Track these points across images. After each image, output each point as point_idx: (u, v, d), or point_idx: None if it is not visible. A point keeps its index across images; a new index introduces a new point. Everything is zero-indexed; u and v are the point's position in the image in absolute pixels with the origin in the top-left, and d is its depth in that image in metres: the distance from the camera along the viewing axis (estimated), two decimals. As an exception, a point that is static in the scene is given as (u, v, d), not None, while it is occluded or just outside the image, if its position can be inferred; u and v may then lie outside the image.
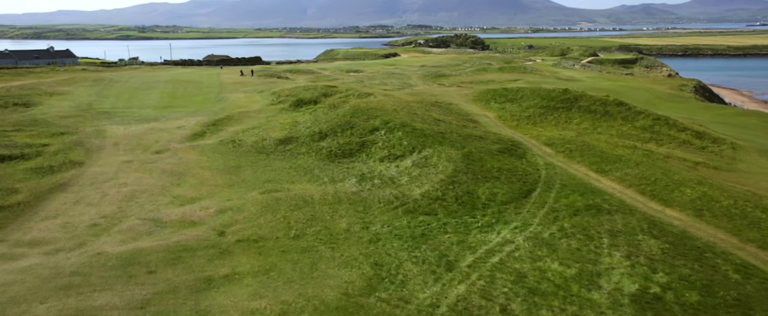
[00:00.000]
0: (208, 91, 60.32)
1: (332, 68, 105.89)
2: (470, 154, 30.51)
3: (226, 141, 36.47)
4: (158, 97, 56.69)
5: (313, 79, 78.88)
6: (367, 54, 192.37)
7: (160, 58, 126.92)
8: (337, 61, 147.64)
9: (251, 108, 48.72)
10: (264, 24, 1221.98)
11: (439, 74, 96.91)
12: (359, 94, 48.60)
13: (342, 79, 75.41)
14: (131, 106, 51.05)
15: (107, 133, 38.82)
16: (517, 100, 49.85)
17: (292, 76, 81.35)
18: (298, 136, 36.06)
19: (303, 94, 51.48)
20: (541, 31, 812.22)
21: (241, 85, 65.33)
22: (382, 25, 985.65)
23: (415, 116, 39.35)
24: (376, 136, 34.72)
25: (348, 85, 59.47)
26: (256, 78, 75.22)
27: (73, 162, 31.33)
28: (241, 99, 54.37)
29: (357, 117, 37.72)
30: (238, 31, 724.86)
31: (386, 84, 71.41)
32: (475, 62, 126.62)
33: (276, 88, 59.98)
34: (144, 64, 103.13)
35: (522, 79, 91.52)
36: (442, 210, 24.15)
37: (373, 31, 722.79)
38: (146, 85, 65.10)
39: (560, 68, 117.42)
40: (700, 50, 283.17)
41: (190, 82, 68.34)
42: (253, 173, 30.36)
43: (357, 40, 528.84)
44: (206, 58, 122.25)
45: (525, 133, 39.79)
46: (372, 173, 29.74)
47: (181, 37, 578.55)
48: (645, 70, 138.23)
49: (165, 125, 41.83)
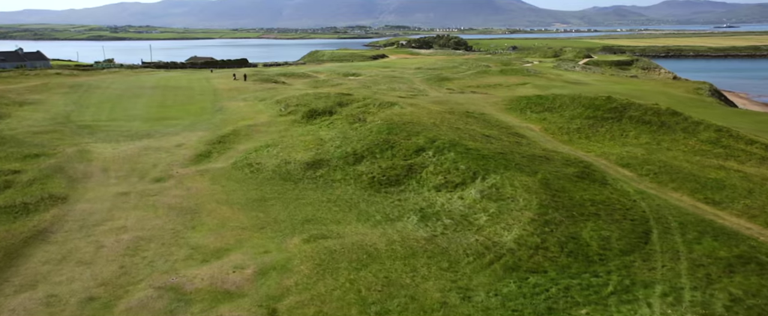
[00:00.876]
0: (202, 99, 53.80)
1: (327, 71, 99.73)
2: (548, 182, 24.96)
3: (240, 164, 30.29)
4: (146, 106, 50.00)
5: (312, 84, 72.76)
6: (354, 55, 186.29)
7: (139, 60, 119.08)
8: (326, 63, 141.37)
9: (258, 120, 42.49)
10: (239, 24, 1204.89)
11: (441, 78, 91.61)
12: (381, 104, 42.76)
13: (345, 84, 69.47)
14: (117, 118, 44.33)
15: (93, 154, 32.27)
16: (556, 109, 44.58)
17: (288, 81, 75.09)
18: (327, 158, 30.06)
19: (315, 103, 45.42)
20: (518, 32, 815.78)
21: (237, 92, 58.91)
22: (360, 25, 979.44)
23: (460, 131, 33.68)
24: (424, 158, 28.93)
25: (363, 92, 53.58)
26: (251, 83, 68.78)
27: (54, 197, 24.87)
28: (242, 109, 48.05)
29: (394, 133, 31.89)
30: (214, 32, 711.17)
31: (395, 89, 65.68)
32: (471, 64, 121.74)
33: (278, 95, 53.76)
34: (123, 67, 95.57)
35: (530, 83, 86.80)
36: (551, 265, 18.51)
37: (352, 32, 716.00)
38: (131, 92, 58.22)
39: (561, 70, 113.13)
40: (682, 51, 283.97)
41: (180, 89, 61.64)
42: (285, 208, 24.32)
43: (336, 41, 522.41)
44: (190, 60, 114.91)
45: (586, 149, 34.43)
46: (433, 208, 24.00)
47: (155, 38, 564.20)
48: (643, 72, 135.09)
49: (161, 143, 35.40)
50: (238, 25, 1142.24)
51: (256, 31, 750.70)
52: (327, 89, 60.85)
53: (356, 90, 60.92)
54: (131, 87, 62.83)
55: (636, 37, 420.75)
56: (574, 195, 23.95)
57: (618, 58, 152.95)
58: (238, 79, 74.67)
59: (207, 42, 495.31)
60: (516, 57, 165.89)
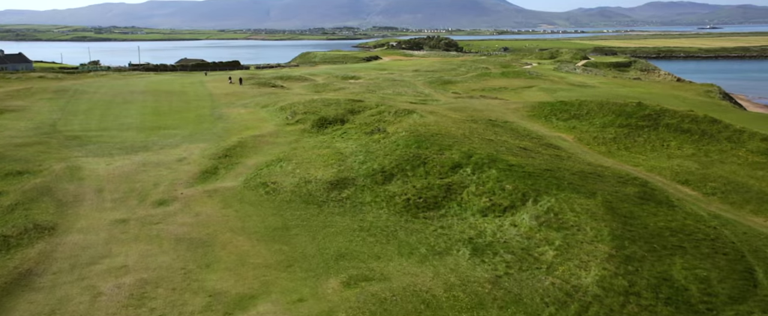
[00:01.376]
0: (199, 106, 50.06)
1: (323, 74, 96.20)
2: (612, 206, 21.80)
3: (253, 183, 26.76)
4: (140, 113, 46.18)
5: (312, 88, 69.25)
6: (346, 57, 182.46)
7: (127, 62, 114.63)
8: (320, 66, 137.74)
9: (264, 129, 38.93)
10: (226, 25, 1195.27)
11: (443, 81, 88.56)
12: (397, 112, 39.42)
13: (347, 89, 66.07)
14: (108, 128, 40.50)
15: (84, 171, 28.55)
16: (583, 116, 41.54)
17: (287, 85, 71.49)
18: (352, 176, 26.65)
19: (324, 110, 41.97)
20: (506, 33, 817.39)
21: (236, 97, 55.24)
22: (348, 26, 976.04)
23: (493, 144, 30.44)
24: (462, 176, 25.63)
25: (371, 98, 50.20)
26: (249, 87, 65.08)
27: (40, 227, 21.22)
28: (244, 116, 44.43)
29: (424, 147, 28.55)
30: (201, 33, 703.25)
31: (401, 93, 62.40)
32: (470, 66, 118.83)
33: (281, 100, 50.19)
34: (110, 69, 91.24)
35: (536, 86, 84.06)
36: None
37: (340, 33, 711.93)
38: (121, 98, 54.30)
39: (563, 73, 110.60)
40: (673, 53, 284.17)
41: (174, 94, 57.80)
42: (312, 239, 20.89)
43: (325, 42, 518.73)
44: (180, 62, 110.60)
45: (632, 163, 31.35)
46: (484, 237, 20.71)
47: (141, 39, 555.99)
48: (642, 73, 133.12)
49: (160, 157, 31.74)
50: (225, 26, 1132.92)
51: (244, 32, 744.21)
52: (331, 94, 57.44)
53: (362, 95, 57.55)
54: (121, 92, 58.87)
55: (624, 38, 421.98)
56: (647, 222, 20.78)
57: (616, 60, 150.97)
58: (234, 82, 70.93)
59: (194, 43, 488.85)
60: (512, 58, 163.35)
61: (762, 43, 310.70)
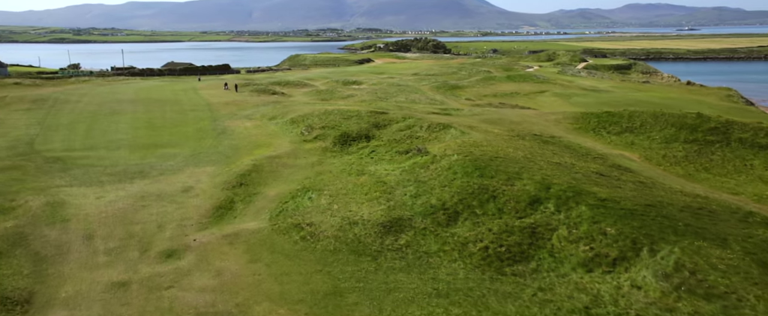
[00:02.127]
0: (197, 118, 44.47)
1: (321, 78, 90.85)
2: (759, 259, 16.98)
3: (282, 224, 21.45)
4: (131, 127, 40.49)
5: (315, 94, 63.94)
6: (338, 60, 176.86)
7: (109, 66, 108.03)
8: (313, 69, 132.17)
9: (278, 147, 33.61)
10: (208, 27, 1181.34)
11: (449, 85, 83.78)
12: (431, 127, 34.37)
13: (356, 96, 60.88)
14: (95, 146, 34.80)
15: (68, 208, 23.00)
16: (637, 129, 36.85)
17: (287, 91, 66.08)
18: (406, 214, 21.47)
19: (344, 124, 36.75)
20: (490, 34, 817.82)
21: (236, 107, 49.72)
22: (332, 28, 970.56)
23: (565, 169, 25.47)
24: (545, 214, 20.61)
25: (391, 107, 45.03)
26: (248, 94, 59.56)
27: (10, 300, 15.75)
28: (251, 131, 39.00)
29: (487, 175, 23.49)
30: (183, 34, 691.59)
31: (415, 101, 57.41)
32: (470, 69, 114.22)
33: (289, 111, 44.80)
34: (93, 74, 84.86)
35: (548, 91, 79.75)
36: None
37: (324, 35, 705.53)
38: (108, 108, 48.48)
39: (569, 76, 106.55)
40: (662, 54, 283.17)
41: (166, 102, 52.07)
42: (378, 311, 15.73)
43: (310, 44, 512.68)
44: (167, 66, 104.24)
45: (729, 190, 26.59)
46: (603, 307, 15.72)
47: (121, 41, 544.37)
48: (645, 76, 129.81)
49: (161, 186, 26.25)
50: (207, 28, 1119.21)
51: (226, 33, 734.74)
52: (341, 103, 52.24)
53: (374, 104, 52.41)
54: (107, 101, 52.98)
55: (610, 40, 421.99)
56: (815, 285, 15.95)
57: (617, 63, 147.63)
58: (230, 89, 65.34)
59: (176, 45, 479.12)
60: (508, 61, 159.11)
61: (745, 44, 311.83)
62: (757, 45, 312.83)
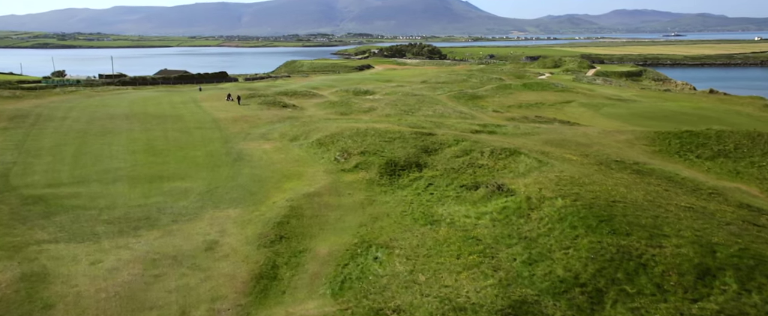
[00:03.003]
0: (205, 138, 38.12)
1: (327, 87, 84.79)
2: None
3: (357, 310, 15.33)
4: (129, 151, 34.07)
5: (329, 107, 57.85)
6: (336, 66, 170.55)
7: (96, 74, 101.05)
8: (314, 76, 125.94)
9: (312, 180, 27.45)
10: (197, 32, 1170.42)
11: (468, 95, 78.16)
12: (494, 152, 28.41)
13: (376, 109, 54.82)
14: (86, 179, 28.38)
15: (53, 282, 16.67)
16: (732, 153, 31.15)
17: (297, 103, 59.91)
18: (529, 294, 15.39)
19: (387, 148, 30.70)
20: (481, 39, 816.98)
21: (248, 124, 43.43)
22: (322, 33, 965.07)
23: (707, 218, 19.55)
24: (728, 295, 14.71)
25: (438, 128, 38.97)
26: (256, 107, 53.32)
27: None
28: (273, 156, 32.78)
29: (620, 232, 17.49)
30: (171, 40, 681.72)
31: (444, 115, 51.54)
32: (480, 77, 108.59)
33: (311, 129, 38.63)
34: (80, 83, 78.03)
35: (575, 101, 74.45)
36: None
37: (315, 40, 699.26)
38: (100, 126, 41.98)
39: (585, 83, 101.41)
40: (659, 60, 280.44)
41: (167, 118, 45.67)
42: None
43: (301, 49, 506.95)
44: (161, 73, 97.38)
45: None
46: None
47: (107, 46, 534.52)
48: (658, 83, 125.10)
49: (176, 242, 19.98)
50: (196, 33, 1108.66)
51: (216, 38, 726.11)
52: (365, 119, 46.20)
53: (400, 118, 46.43)
54: (98, 116, 46.47)
55: (605, 46, 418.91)
56: None
57: (627, 69, 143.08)
58: (233, 100, 59.13)
59: (165, 50, 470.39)
60: (513, 67, 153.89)
61: (737, 50, 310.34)
62: (751, 51, 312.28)
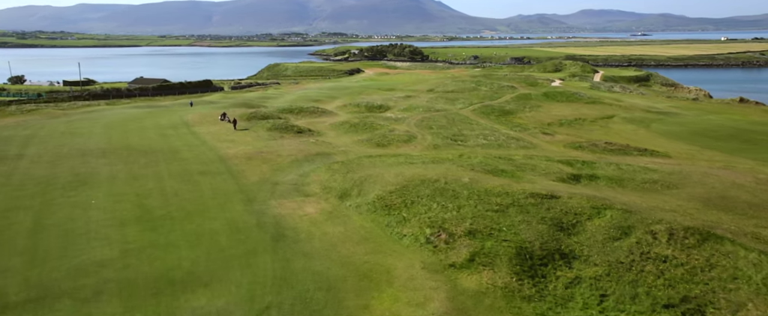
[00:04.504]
0: (218, 193, 27.61)
1: (327, 98, 74.73)
2: None
3: None
4: (114, 222, 23.40)
5: (352, 132, 47.89)
6: (323, 69, 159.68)
7: (59, 80, 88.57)
8: (303, 82, 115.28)
9: (413, 288, 17.45)
10: (166, 31, 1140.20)
11: (492, 109, 69.10)
12: (674, 236, 18.99)
13: (418, 137, 44.96)
14: (50, 290, 17.76)
15: None
16: None
17: (312, 126, 49.71)
18: None
19: (502, 223, 20.95)
20: (456, 39, 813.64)
21: (267, 166, 32.99)
22: (296, 33, 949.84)
23: None
24: None
25: (554, 185, 29.25)
26: (266, 134, 42.89)
27: None
28: (325, 228, 22.63)
29: None
30: (140, 39, 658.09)
31: (503, 145, 41.97)
32: (490, 85, 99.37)
33: (360, 178, 28.54)
34: (42, 97, 66.10)
35: (616, 116, 66.26)
36: None
37: (290, 40, 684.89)
38: (70, 172, 31.06)
39: (606, 91, 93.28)
40: (644, 61, 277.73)
41: (158, 155, 34.94)
42: None
43: (275, 49, 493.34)
44: (136, 82, 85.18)
45: None
46: None
47: (72, 45, 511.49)
48: (669, 88, 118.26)
49: None
50: (164, 32, 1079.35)
51: (187, 37, 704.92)
52: (419, 156, 36.31)
53: (454, 149, 36.77)
54: (66, 153, 35.51)
55: (586, 46, 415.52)
56: None
57: (635, 74, 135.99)
58: (229, 120, 48.74)
59: (134, 50, 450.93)
60: (512, 70, 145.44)
61: (712, 50, 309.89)
62: (727, 51, 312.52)
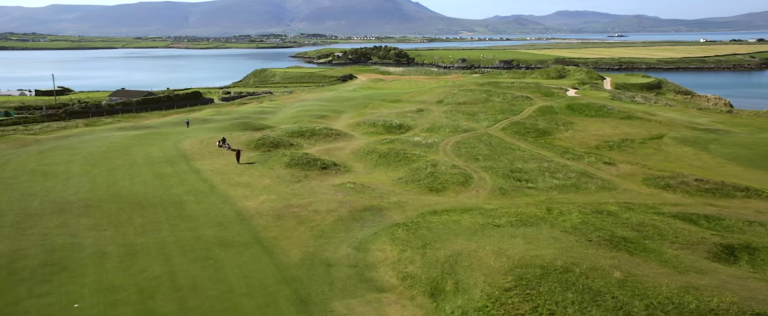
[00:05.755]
0: (252, 288, 19.64)
1: (331, 112, 66.85)
2: None
3: None
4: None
5: (385, 167, 40.07)
6: (313, 76, 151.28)
7: (31, 89, 79.02)
8: (299, 93, 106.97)
9: None
10: (142, 32, 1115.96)
11: (531, 130, 61.66)
12: None
13: (477, 183, 37.48)
14: None
15: None
16: None
17: (334, 157, 41.83)
18: None
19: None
20: (436, 40, 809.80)
21: (306, 229, 25.06)
22: (274, 34, 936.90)
23: None
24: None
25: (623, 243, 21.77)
26: (288, 175, 34.86)
27: None
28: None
29: None
30: (115, 40, 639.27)
31: (578, 186, 34.69)
32: (503, 95, 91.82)
33: (447, 260, 21.01)
34: (10, 116, 57.04)
35: (666, 135, 59.23)
36: None
37: (268, 41, 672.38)
38: (40, 241, 22.71)
39: (631, 103, 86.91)
40: (634, 64, 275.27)
41: (158, 210, 26.76)
42: None
43: (254, 51, 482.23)
44: (118, 95, 75.97)
45: None
46: None
47: (44, 47, 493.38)
48: (686, 97, 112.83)
49: None
50: (140, 33, 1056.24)
51: (163, 39, 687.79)
52: (493, 213, 28.80)
53: (524, 193, 29.42)
54: (36, 209, 27.16)
55: (573, 48, 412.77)
56: None
57: (646, 81, 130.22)
58: (229, 147, 40.70)
59: (109, 52, 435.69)
60: (512, 77, 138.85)
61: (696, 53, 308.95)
62: (714, 54, 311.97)
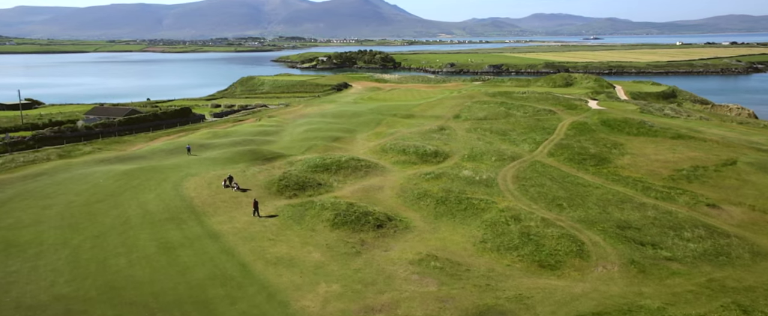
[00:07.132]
0: None
1: (348, 133, 57.97)
2: None
3: None
4: None
5: (443, 215, 31.33)
6: (304, 84, 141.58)
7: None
8: (296, 106, 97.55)
9: None
10: (115, 35, 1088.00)
11: (587, 156, 53.40)
12: None
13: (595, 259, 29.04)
14: None
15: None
16: None
17: (357, 195, 32.91)
18: None
19: None
20: (416, 43, 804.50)
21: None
22: (252, 37, 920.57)
23: None
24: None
25: None
26: (341, 249, 26.00)
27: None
28: None
29: None
30: (88, 44, 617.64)
31: (716, 249, 26.48)
32: (523, 108, 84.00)
33: None
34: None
35: (738, 161, 51.43)
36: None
37: (247, 45, 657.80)
38: None
39: (663, 116, 79.67)
40: (624, 68, 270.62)
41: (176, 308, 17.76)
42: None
43: (233, 55, 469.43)
44: (95, 114, 65.72)
45: None
46: None
47: (11, 51, 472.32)
48: (705, 107, 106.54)
49: None
50: (113, 36, 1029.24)
51: (138, 43, 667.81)
52: None
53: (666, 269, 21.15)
54: None
55: (563, 51, 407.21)
56: None
57: (660, 90, 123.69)
58: (235, 183, 31.61)
59: (81, 57, 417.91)
60: (516, 85, 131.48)
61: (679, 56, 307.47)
62: (698, 57, 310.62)
